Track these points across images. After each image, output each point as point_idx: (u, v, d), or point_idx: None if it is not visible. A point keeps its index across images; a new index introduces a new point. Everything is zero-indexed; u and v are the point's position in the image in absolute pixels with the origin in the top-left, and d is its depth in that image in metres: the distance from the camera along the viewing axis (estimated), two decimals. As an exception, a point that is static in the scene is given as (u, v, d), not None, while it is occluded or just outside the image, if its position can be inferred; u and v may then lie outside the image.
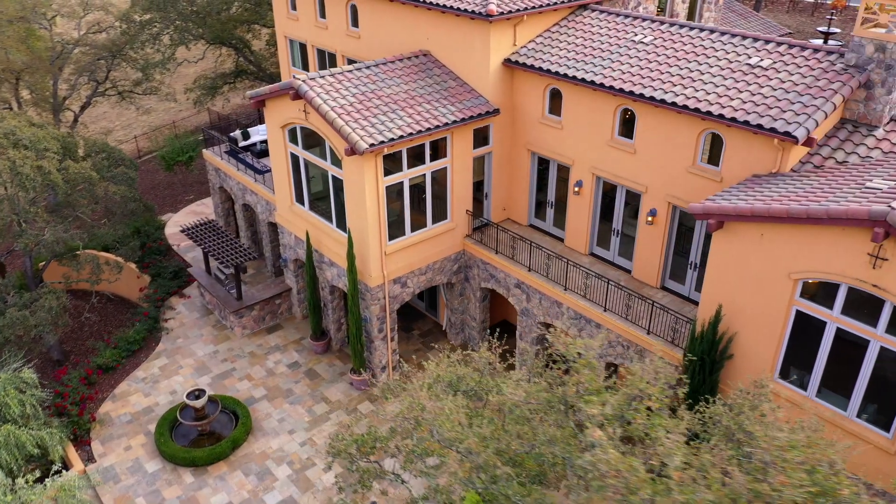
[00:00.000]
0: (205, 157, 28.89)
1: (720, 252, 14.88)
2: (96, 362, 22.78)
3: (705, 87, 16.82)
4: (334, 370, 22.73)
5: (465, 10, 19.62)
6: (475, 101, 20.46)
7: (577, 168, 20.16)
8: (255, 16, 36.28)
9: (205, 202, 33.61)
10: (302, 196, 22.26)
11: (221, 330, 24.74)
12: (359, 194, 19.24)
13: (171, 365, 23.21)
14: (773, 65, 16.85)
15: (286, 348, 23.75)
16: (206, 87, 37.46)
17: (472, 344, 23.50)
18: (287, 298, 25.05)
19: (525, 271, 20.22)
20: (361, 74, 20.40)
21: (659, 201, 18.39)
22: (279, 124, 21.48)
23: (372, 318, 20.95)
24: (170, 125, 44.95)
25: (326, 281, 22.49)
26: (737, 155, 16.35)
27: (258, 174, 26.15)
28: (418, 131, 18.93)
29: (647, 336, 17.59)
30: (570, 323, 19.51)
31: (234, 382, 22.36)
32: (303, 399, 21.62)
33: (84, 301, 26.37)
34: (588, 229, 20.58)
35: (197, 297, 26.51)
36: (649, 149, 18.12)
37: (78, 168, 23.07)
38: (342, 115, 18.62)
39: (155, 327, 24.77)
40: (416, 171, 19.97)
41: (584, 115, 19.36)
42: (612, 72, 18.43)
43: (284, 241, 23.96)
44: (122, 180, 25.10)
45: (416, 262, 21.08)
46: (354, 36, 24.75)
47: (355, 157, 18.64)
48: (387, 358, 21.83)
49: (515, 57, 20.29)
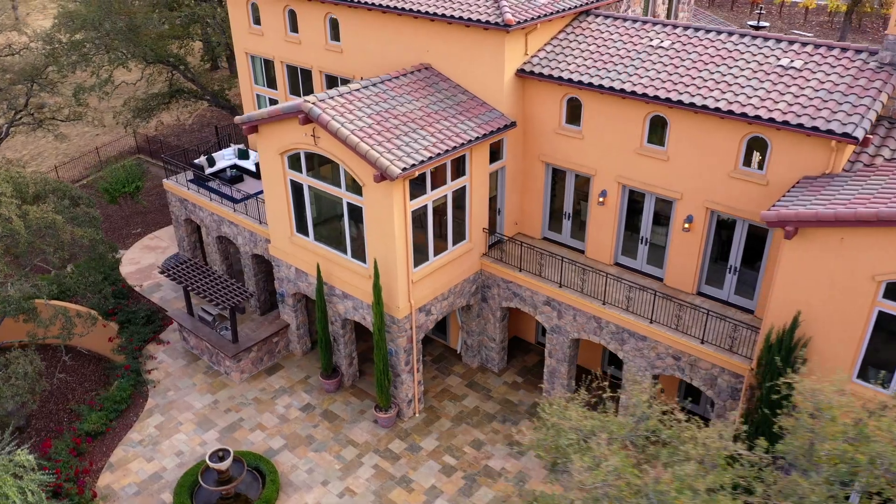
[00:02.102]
0: (166, 187, 26.47)
1: (794, 258, 14.72)
2: (83, 428, 20.27)
3: (745, 91, 16.68)
4: (352, 409, 21.25)
5: (479, 20, 18.68)
6: (491, 115, 19.57)
7: (600, 178, 19.66)
8: (184, 31, 33.72)
9: (157, 235, 30.94)
10: (305, 226, 20.64)
11: (215, 376, 22.66)
12: (386, 222, 17.95)
13: (169, 422, 20.99)
14: (806, 66, 16.92)
15: (293, 390, 22.02)
16: (139, 108, 34.55)
17: (491, 365, 22.63)
18: (284, 335, 23.27)
19: (556, 287, 19.55)
20: (370, 93, 19.06)
21: (696, 207, 18.16)
22: (278, 151, 19.79)
23: (399, 350, 19.68)
24: (92, 152, 41.33)
25: (338, 315, 20.97)
26: (784, 158, 16.29)
27: (236, 203, 24.18)
28: (445, 151, 17.87)
29: (700, 346, 17.31)
30: (609, 338, 19.01)
31: (246, 434, 20.47)
32: (327, 444, 20.04)
33: (48, 358, 23.51)
34: (613, 239, 20.15)
35: (178, 342, 24.20)
36: (684, 155, 17.84)
37: (39, 212, 20.48)
38: (365, 139, 17.28)
39: (138, 381, 22.38)
40: (438, 192, 18.88)
41: (608, 124, 18.87)
42: (638, 78, 18.02)
43: (281, 275, 22.20)
44: (85, 221, 22.52)
45: (439, 288, 19.99)
46: (335, 50, 23.26)
47: (384, 183, 17.34)
48: (413, 391, 20.60)
49: (529, 67, 19.55)
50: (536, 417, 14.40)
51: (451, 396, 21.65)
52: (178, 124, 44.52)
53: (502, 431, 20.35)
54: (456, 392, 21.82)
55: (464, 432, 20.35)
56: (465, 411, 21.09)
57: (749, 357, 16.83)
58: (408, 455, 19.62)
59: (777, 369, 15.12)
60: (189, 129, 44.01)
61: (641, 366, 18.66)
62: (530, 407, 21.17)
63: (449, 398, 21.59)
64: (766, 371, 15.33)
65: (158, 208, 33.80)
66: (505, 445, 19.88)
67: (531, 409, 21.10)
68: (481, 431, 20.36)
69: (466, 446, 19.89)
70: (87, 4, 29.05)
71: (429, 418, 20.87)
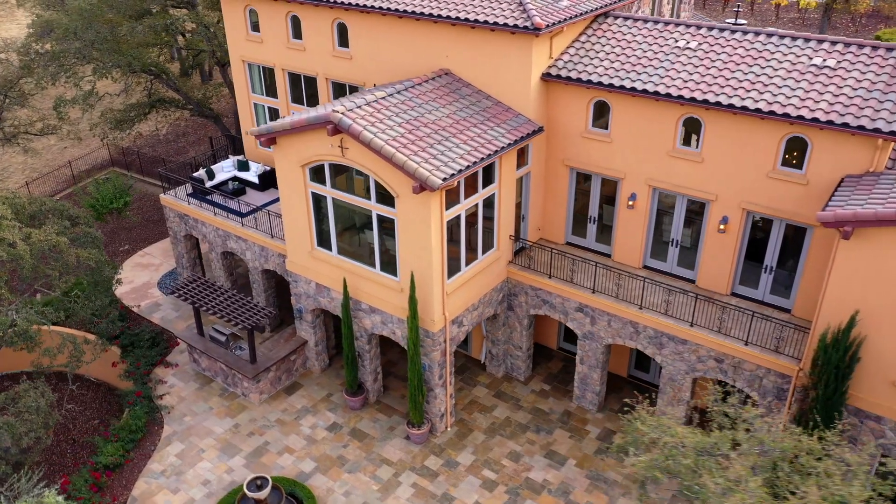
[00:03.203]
0: (164, 203, 25.36)
1: (850, 257, 14.72)
2: (100, 461, 19.19)
3: (783, 91, 16.66)
4: (381, 426, 20.62)
5: (506, 24, 18.29)
6: (518, 121, 19.20)
7: (629, 181, 19.46)
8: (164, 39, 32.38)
9: (148, 252, 29.70)
10: (328, 240, 19.94)
11: (232, 399, 21.76)
12: (422, 233, 17.41)
13: (190, 450, 20.04)
14: (840, 65, 17.00)
15: (317, 409, 21.26)
16: (117, 119, 33.08)
17: (517, 373, 22.26)
18: (302, 353, 22.48)
19: (589, 293, 19.29)
20: (397, 101, 18.49)
21: (732, 208, 18.09)
22: (299, 163, 19.06)
23: (433, 365, 19.15)
24: (65, 166, 39.56)
25: (364, 330, 20.31)
26: (825, 157, 16.32)
27: (243, 216, 23.28)
28: (480, 158, 17.43)
29: (745, 347, 17.24)
30: (647, 342, 18.83)
31: (274, 458, 19.67)
32: (361, 465, 19.39)
33: (51, 388, 22.25)
34: (642, 242, 19.98)
35: (187, 364, 23.18)
36: (720, 157, 17.75)
37: (42, 235, 19.33)
38: (400, 150, 16.71)
39: (151, 408, 21.33)
40: (470, 200, 18.42)
41: (639, 127, 18.68)
42: (671, 80, 17.87)
43: (299, 291, 21.42)
44: (87, 242, 21.38)
45: (470, 299, 19.53)
46: (344, 57, 22.58)
47: (422, 194, 16.80)
48: (445, 406, 20.09)
49: (555, 70, 19.24)
50: (623, 431, 14.00)
51: (481, 408, 21.21)
52: (153, 134, 43.01)
53: (538, 441, 19.99)
54: (485, 403, 21.38)
55: (499, 444, 19.93)
56: (496, 422, 20.67)
57: (796, 357, 16.82)
58: (446, 471, 19.11)
59: (835, 369, 15.12)
60: (164, 140, 42.57)
61: (681, 369, 18.54)
62: (562, 415, 20.87)
63: (478, 410, 21.14)
64: (822, 371, 15.31)
65: (144, 223, 32.51)
66: (543, 456, 19.53)
67: (563, 417, 20.80)
68: (517, 442, 19.98)
69: (504, 459, 19.48)
70: (66, 13, 27.64)
71: (461, 432, 20.39)
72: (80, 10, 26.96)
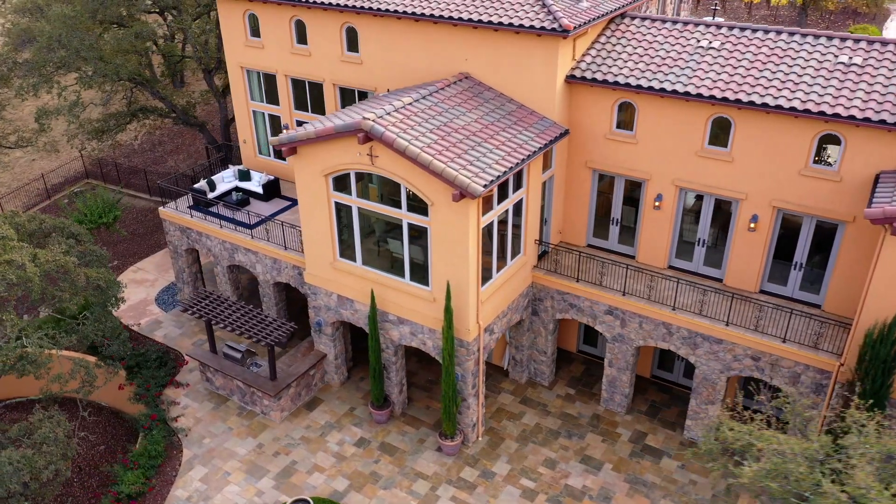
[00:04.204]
0: (163, 216, 24.39)
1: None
2: (123, 491, 18.29)
3: (814, 89, 16.78)
4: (410, 439, 20.16)
5: (532, 26, 18.03)
6: (544, 124, 18.97)
7: (655, 182, 19.41)
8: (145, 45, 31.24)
9: (140, 267, 28.58)
10: (352, 251, 19.39)
11: (251, 417, 21.01)
12: (459, 242, 17.03)
13: (214, 473, 19.26)
14: (867, 62, 17.21)
15: (341, 424, 20.68)
16: (96, 129, 31.79)
17: (541, 379, 22.03)
18: (321, 367, 21.85)
19: (619, 296, 19.16)
20: (424, 106, 18.06)
21: (762, 207, 18.17)
22: (322, 172, 18.47)
23: (466, 374, 18.79)
24: (37, 180, 37.89)
25: (391, 341, 19.82)
26: (859, 154, 16.49)
27: (252, 228, 22.53)
28: (516, 163, 17.14)
29: (783, 345, 17.32)
30: (680, 343, 18.79)
31: (304, 478, 19.03)
32: (395, 480, 18.90)
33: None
34: (668, 242, 19.96)
35: (198, 383, 22.32)
36: (750, 155, 17.80)
37: (49, 255, 18.34)
38: (437, 157, 16.31)
39: (167, 431, 20.44)
40: (502, 206, 18.11)
41: (665, 127, 18.63)
42: (700, 80, 17.86)
43: (319, 304, 20.80)
44: (93, 261, 20.39)
45: (499, 306, 19.23)
46: (353, 62, 22.02)
47: (462, 202, 16.42)
48: (477, 415, 19.73)
49: (579, 73, 19.06)
50: (705, 437, 13.75)
51: (509, 415, 20.92)
52: (128, 144, 41.55)
53: (571, 447, 19.80)
54: (512, 410, 21.10)
55: (533, 452, 19.67)
56: (527, 429, 20.41)
57: (835, 352, 16.95)
58: (483, 482, 18.76)
59: (882, 364, 15.26)
60: (140, 150, 41.15)
61: (716, 369, 18.55)
62: (591, 419, 20.72)
63: (507, 417, 20.85)
64: (869, 366, 15.44)
65: (131, 237, 31.30)
66: (578, 462, 19.34)
67: (592, 421, 20.65)
68: (550, 449, 19.75)
69: (540, 466, 19.22)
70: (48, 20, 26.36)
71: (493, 441, 20.07)
72: (63, 16, 25.74)
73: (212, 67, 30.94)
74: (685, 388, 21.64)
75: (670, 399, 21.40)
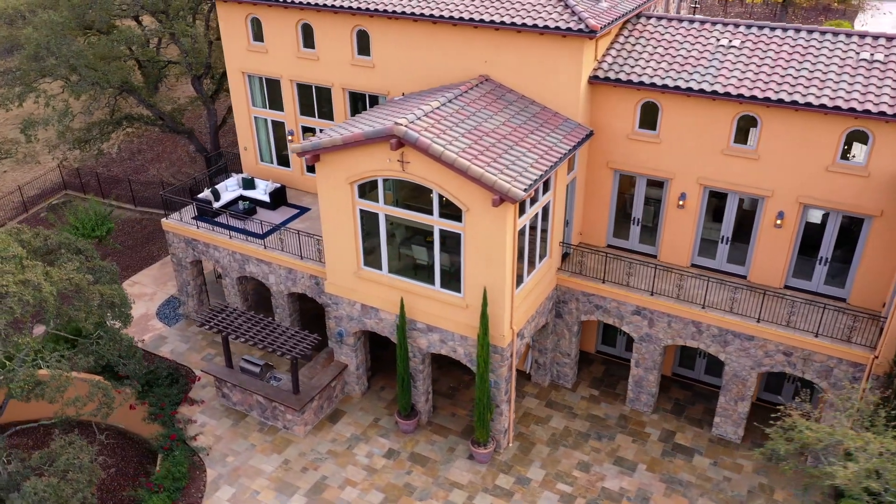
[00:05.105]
0: (167, 227, 23.58)
1: (934, 247, 15.13)
2: (150, 517, 17.60)
3: (841, 86, 16.97)
4: (440, 448, 19.84)
5: (557, 27, 17.87)
6: (569, 126, 18.84)
7: (679, 181, 19.44)
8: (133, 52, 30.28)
9: (137, 280, 27.61)
10: (377, 259, 18.98)
11: (273, 433, 20.42)
12: (495, 247, 16.78)
13: (242, 493, 18.65)
14: (889, 58, 17.48)
15: (367, 436, 20.24)
16: (78, 139, 30.66)
17: (564, 381, 21.92)
18: (342, 378, 21.36)
19: (647, 296, 19.15)
20: (452, 110, 17.75)
21: (789, 203, 18.33)
22: (347, 180, 18.03)
23: (499, 381, 18.55)
24: (13, 192, 36.38)
25: (418, 350, 19.46)
26: (887, 149, 16.73)
27: (263, 237, 21.92)
28: (550, 166, 16.96)
29: (815, 339, 17.49)
30: (710, 341, 18.86)
31: (337, 493, 18.56)
32: (430, 491, 18.56)
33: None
34: (692, 241, 20.02)
35: (213, 399, 21.62)
36: (777, 153, 17.94)
37: (62, 273, 17.54)
38: (474, 161, 16.03)
39: (188, 451, 19.74)
40: (534, 209, 17.93)
41: (690, 126, 18.66)
42: (725, 79, 17.92)
43: (341, 314, 20.32)
44: (106, 278, 19.57)
45: (529, 310, 19.03)
46: (365, 66, 21.59)
47: (500, 207, 16.17)
48: (508, 422, 19.51)
49: (602, 73, 18.98)
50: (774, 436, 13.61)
51: (536, 419, 20.75)
52: (106, 153, 40.20)
53: (603, 449, 19.72)
54: (539, 414, 20.94)
55: (565, 455, 19.54)
56: (556, 433, 20.26)
57: (869, 345, 17.18)
58: (520, 489, 18.55)
59: (923, 356, 15.51)
60: (119, 159, 39.89)
61: (746, 365, 18.65)
62: (618, 420, 20.67)
63: (534, 421, 20.68)
64: (908, 359, 15.69)
65: (120, 250, 30.24)
66: (612, 464, 19.27)
67: (620, 421, 20.61)
68: (582, 452, 19.64)
69: (575, 470, 19.09)
70: (35, 27, 25.28)
71: (524, 446, 19.87)
72: (50, 22, 24.70)
73: (201, 73, 30.12)
74: (707, 385, 21.75)
75: (693, 396, 21.49)
